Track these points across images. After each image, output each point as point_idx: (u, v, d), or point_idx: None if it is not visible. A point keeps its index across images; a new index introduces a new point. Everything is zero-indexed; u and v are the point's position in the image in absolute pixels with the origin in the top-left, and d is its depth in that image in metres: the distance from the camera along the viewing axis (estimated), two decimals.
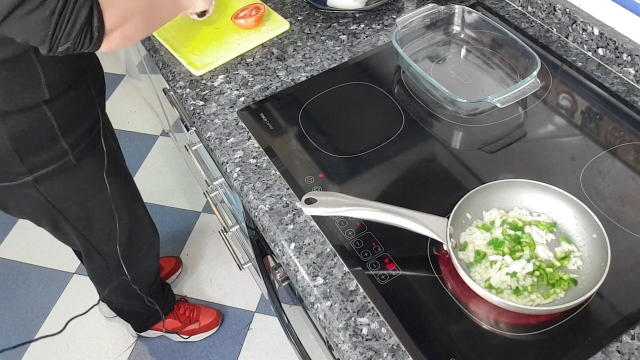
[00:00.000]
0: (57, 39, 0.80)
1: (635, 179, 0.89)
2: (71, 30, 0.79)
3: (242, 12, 1.19)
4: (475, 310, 0.76)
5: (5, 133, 0.96)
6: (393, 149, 0.96)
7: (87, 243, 1.27)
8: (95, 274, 1.45)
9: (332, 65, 1.12)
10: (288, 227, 0.87)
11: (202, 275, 1.95)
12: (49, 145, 1.03)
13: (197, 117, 1.06)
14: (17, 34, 0.79)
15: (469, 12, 1.11)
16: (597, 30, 1.04)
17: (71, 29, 0.79)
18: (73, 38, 0.80)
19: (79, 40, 0.81)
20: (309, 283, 0.81)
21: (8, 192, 1.07)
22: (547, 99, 1.02)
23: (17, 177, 1.03)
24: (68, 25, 0.79)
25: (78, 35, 0.80)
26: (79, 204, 1.17)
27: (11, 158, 1.00)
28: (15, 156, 0.99)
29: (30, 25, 0.77)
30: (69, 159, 1.07)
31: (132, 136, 2.41)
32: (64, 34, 0.79)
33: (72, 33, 0.80)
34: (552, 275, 0.76)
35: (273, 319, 1.80)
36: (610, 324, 0.73)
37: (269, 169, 0.95)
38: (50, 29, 0.78)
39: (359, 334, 0.75)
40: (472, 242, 0.81)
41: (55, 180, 1.08)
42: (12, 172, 1.02)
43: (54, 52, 0.81)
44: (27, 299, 1.93)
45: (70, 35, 0.80)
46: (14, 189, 1.05)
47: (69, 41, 0.80)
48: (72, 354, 1.79)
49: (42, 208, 1.13)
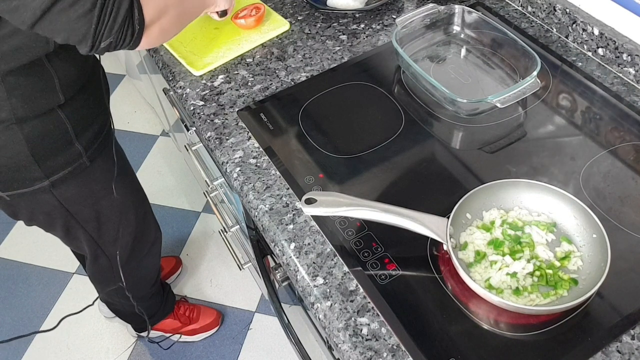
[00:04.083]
0: (100, 34, 0.76)
1: (635, 179, 0.89)
2: (113, 24, 0.76)
3: (242, 12, 1.19)
4: (475, 310, 0.76)
5: (22, 139, 0.96)
6: (393, 149, 0.96)
7: (95, 245, 1.27)
8: (98, 275, 1.45)
9: (332, 65, 1.12)
10: (288, 227, 0.87)
11: (202, 275, 1.95)
12: (65, 149, 1.03)
13: (197, 117, 1.06)
14: (57, 31, 0.76)
15: (469, 12, 1.11)
16: (597, 30, 1.04)
17: (113, 23, 0.76)
18: (115, 32, 0.77)
19: (121, 35, 0.78)
20: (309, 283, 0.81)
21: (21, 199, 1.06)
22: (547, 99, 1.02)
23: (32, 182, 1.03)
24: (110, 19, 0.76)
25: (120, 29, 0.77)
26: (90, 206, 1.16)
27: (29, 163, 0.99)
28: (32, 161, 0.99)
29: (72, 21, 0.74)
30: (83, 160, 1.07)
31: (132, 136, 2.41)
32: (106, 29, 0.76)
33: (114, 27, 0.76)
34: (552, 275, 0.76)
35: (273, 319, 1.80)
36: (610, 324, 0.73)
37: (269, 169, 0.95)
38: (93, 23, 0.75)
39: (359, 334, 0.75)
40: (472, 242, 0.81)
41: (70, 183, 1.08)
42: (28, 177, 1.02)
43: (96, 48, 0.78)
44: (27, 298, 1.93)
45: (112, 29, 0.76)
46: (28, 196, 1.05)
47: (111, 35, 0.77)
48: (72, 353, 1.79)
49: (55, 213, 1.12)
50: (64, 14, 0.73)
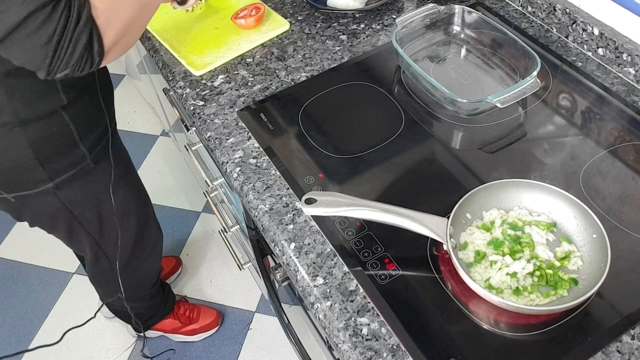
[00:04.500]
0: (56, 66, 0.76)
1: (635, 179, 0.89)
2: (70, 58, 0.76)
3: (242, 12, 1.19)
4: (475, 310, 0.76)
5: (26, 141, 0.96)
6: (393, 149, 0.96)
7: (97, 246, 1.27)
8: (98, 276, 1.45)
9: (332, 65, 1.12)
10: (288, 227, 0.87)
11: (202, 275, 1.95)
12: (69, 151, 1.03)
13: (197, 117, 1.06)
14: (15, 57, 0.76)
15: (469, 12, 1.11)
16: (597, 30, 1.04)
17: (70, 57, 0.76)
18: (72, 65, 0.77)
19: (78, 66, 0.78)
20: (309, 283, 0.81)
21: (25, 201, 1.06)
22: (547, 99, 1.02)
23: (37, 184, 1.02)
24: (67, 53, 0.75)
25: (78, 62, 0.77)
26: (93, 208, 1.17)
27: (33, 166, 0.99)
28: (36, 164, 0.99)
29: (29, 51, 0.74)
30: (87, 162, 1.07)
31: (132, 136, 2.41)
32: (62, 61, 0.76)
33: (71, 60, 0.76)
34: (552, 275, 0.76)
35: (273, 319, 1.80)
36: (610, 324, 0.73)
37: (269, 169, 0.95)
38: (49, 56, 0.74)
39: (359, 334, 0.75)
40: (472, 242, 0.81)
41: (74, 185, 1.08)
42: (32, 180, 1.02)
43: (51, 77, 0.78)
44: (27, 299, 1.93)
45: (69, 62, 0.76)
46: (32, 198, 1.05)
47: (68, 68, 0.77)
48: (72, 353, 1.79)
49: (59, 215, 1.12)
50: (22, 42, 0.73)
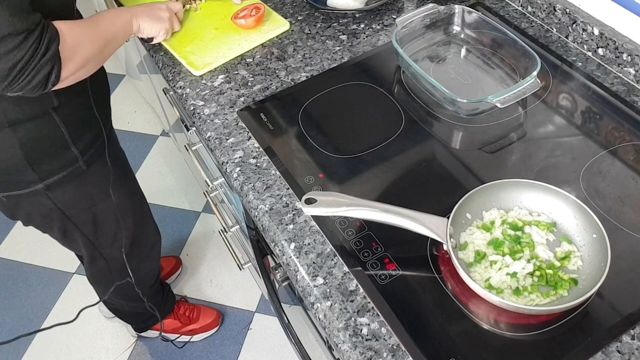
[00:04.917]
0: (11, 88, 0.80)
1: (635, 179, 0.89)
2: (27, 85, 0.80)
3: (242, 12, 1.19)
4: (475, 310, 0.76)
5: (16, 142, 0.96)
6: (393, 149, 0.96)
7: (92, 247, 1.27)
8: (96, 277, 1.45)
9: (332, 65, 1.12)
10: (288, 227, 0.87)
11: (202, 276, 1.95)
12: (60, 153, 1.03)
13: (197, 117, 1.06)
14: None
15: (469, 12, 1.11)
16: (597, 30, 1.04)
17: (27, 84, 0.80)
18: (27, 90, 0.81)
19: (31, 91, 0.82)
20: (309, 283, 0.81)
21: (18, 201, 1.06)
22: (547, 99, 1.02)
23: (27, 185, 1.03)
24: (26, 80, 0.79)
25: (32, 89, 0.81)
26: (87, 209, 1.16)
27: (23, 167, 0.99)
28: (26, 165, 0.99)
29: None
30: (79, 165, 1.07)
31: (132, 136, 2.41)
32: (19, 86, 0.80)
33: (27, 86, 0.80)
34: (552, 275, 0.76)
35: (273, 319, 1.80)
36: (610, 324, 0.73)
37: (269, 169, 0.95)
38: (8, 80, 0.78)
39: (359, 334, 0.75)
40: (472, 242, 0.81)
41: (66, 187, 1.08)
42: (23, 180, 1.02)
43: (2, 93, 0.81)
44: (28, 299, 1.93)
45: (24, 88, 0.80)
46: (24, 198, 1.05)
47: (22, 91, 0.81)
48: (72, 353, 1.79)
49: (52, 215, 1.12)
50: None
